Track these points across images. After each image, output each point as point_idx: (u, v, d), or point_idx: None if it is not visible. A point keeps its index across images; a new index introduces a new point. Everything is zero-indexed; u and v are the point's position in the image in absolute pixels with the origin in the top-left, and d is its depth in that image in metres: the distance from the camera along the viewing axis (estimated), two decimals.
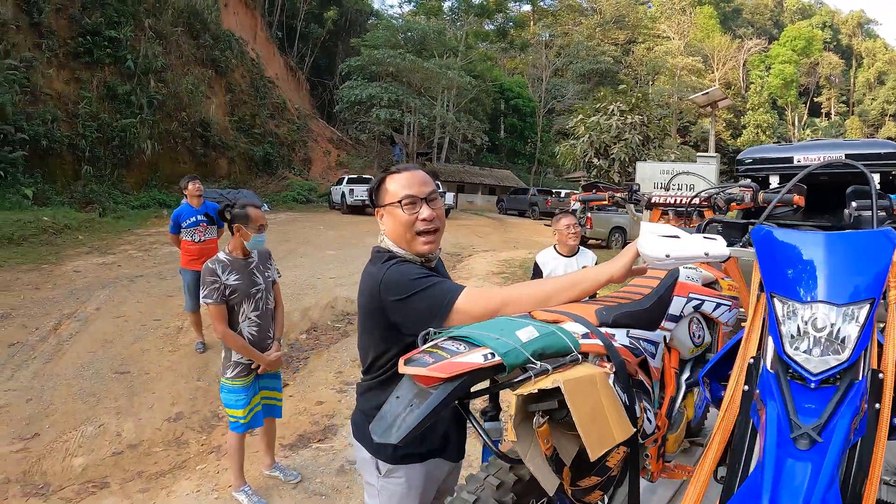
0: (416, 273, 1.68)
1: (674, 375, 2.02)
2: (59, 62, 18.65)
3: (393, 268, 1.71)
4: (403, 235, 1.78)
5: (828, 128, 61.46)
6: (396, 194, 1.77)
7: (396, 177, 1.81)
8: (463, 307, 1.58)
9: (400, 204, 1.76)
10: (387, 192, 1.80)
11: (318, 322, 7.72)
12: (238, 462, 3.74)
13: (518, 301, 1.57)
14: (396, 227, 1.78)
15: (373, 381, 1.84)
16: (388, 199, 1.79)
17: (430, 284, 1.64)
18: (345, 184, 24.26)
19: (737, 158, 6.41)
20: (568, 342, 1.29)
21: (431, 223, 1.77)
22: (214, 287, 3.42)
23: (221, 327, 3.49)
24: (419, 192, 1.77)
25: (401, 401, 1.19)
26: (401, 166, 1.87)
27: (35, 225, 12.45)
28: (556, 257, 4.29)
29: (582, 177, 17.44)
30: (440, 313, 1.58)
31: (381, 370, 1.80)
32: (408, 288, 1.64)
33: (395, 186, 1.79)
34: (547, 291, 1.58)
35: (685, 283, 2.11)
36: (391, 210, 1.79)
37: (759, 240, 1.47)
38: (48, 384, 5.44)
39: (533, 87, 49.63)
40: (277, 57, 37.76)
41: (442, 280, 1.69)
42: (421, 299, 1.62)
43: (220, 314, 3.46)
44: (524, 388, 1.18)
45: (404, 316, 1.65)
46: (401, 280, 1.66)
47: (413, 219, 1.76)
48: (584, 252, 4.27)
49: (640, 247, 1.52)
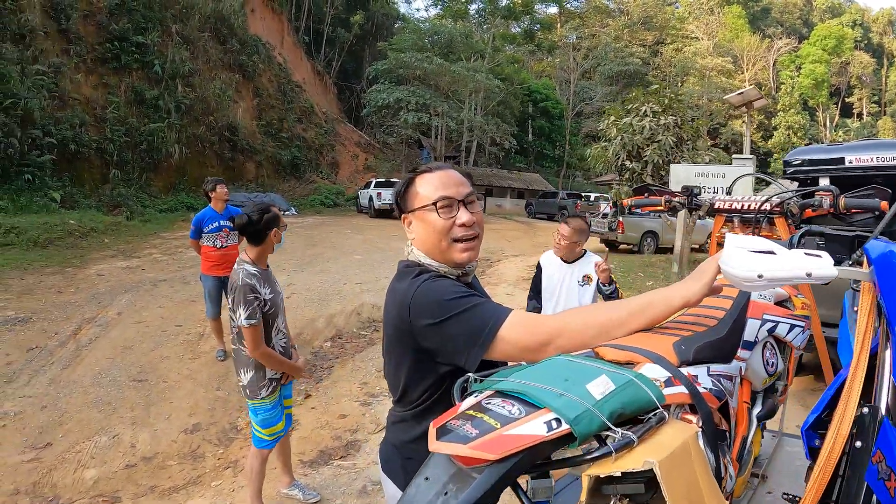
0: (452, 292, 1.41)
1: (746, 411, 1.73)
2: (86, 67, 18.86)
3: (424, 285, 1.44)
4: (438, 244, 1.51)
5: (860, 128, 60.02)
6: (429, 196, 1.51)
7: (428, 177, 1.55)
8: (509, 335, 1.31)
9: (435, 207, 1.50)
10: (417, 194, 1.54)
11: (344, 329, 7.52)
12: (258, 485, 3.51)
13: (574, 332, 1.29)
14: (430, 234, 1.52)
15: (406, 413, 1.57)
16: (418, 202, 1.54)
17: (469, 306, 1.37)
18: (372, 187, 24.31)
19: (784, 160, 6.12)
20: (651, 395, 1.01)
21: (471, 229, 1.52)
22: (256, 305, 3.16)
23: (263, 348, 3.23)
24: (456, 194, 1.51)
25: (431, 485, 0.90)
26: (432, 164, 1.60)
27: (61, 228, 12.47)
28: (555, 262, 4.00)
29: (613, 180, 17.05)
30: (481, 342, 1.32)
31: (414, 404, 1.54)
32: (443, 310, 1.37)
33: (428, 188, 1.53)
34: (608, 320, 1.29)
35: (758, 303, 1.83)
36: (423, 215, 1.52)
37: (881, 259, 1.18)
38: (64, 391, 5.30)
39: (561, 90, 49.27)
40: (304, 61, 37.91)
41: (484, 301, 1.42)
42: (458, 324, 1.35)
43: (259, 334, 3.21)
44: (603, 467, 0.89)
45: (439, 343, 1.39)
46: (434, 300, 1.39)
47: (450, 224, 1.50)
48: (586, 259, 3.94)
49: (725, 264, 1.23)
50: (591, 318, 1.31)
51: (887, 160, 5.12)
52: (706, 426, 1.13)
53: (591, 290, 3.80)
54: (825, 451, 1.20)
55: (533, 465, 0.92)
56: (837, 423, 1.20)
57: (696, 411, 1.16)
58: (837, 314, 3.65)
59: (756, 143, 52.14)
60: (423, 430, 1.52)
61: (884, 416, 1.13)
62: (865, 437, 1.16)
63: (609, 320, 1.29)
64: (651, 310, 1.30)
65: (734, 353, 1.45)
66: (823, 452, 1.21)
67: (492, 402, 0.97)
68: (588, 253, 3.97)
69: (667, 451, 0.88)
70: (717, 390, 1.30)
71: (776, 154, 52.85)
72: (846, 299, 2.51)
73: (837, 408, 1.23)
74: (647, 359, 1.17)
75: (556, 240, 3.91)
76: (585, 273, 3.84)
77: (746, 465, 1.81)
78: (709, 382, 1.28)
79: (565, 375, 1.02)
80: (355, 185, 30.53)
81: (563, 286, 3.88)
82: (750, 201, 2.12)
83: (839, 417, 1.20)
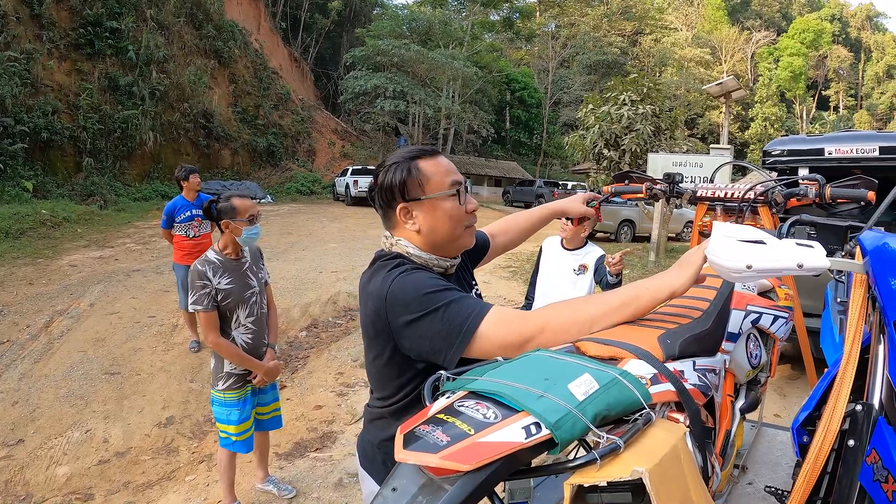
0: (430, 285, 1.31)
1: (730, 405, 1.69)
2: (59, 53, 18.47)
3: (399, 279, 1.33)
4: (452, 232, 1.43)
5: (836, 121, 60.81)
6: (443, 182, 1.41)
7: (433, 162, 1.44)
8: (489, 332, 1.24)
9: (456, 193, 1.42)
10: (429, 181, 1.41)
11: (319, 319, 7.43)
12: (228, 479, 3.44)
13: (557, 329, 1.22)
14: (444, 222, 1.42)
15: (384, 410, 1.49)
16: (431, 188, 1.41)
17: (448, 301, 1.27)
18: (349, 175, 24.10)
19: (763, 150, 6.12)
20: (637, 395, 0.94)
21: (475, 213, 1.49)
22: (205, 292, 3.08)
23: (213, 336, 3.15)
24: (461, 179, 1.46)
25: (399, 496, 0.82)
26: (425, 149, 1.49)
27: (33, 218, 12.24)
28: (556, 248, 3.96)
29: (590, 168, 17.02)
30: (460, 340, 1.24)
31: (392, 401, 1.46)
32: (421, 305, 1.28)
33: (439, 173, 1.42)
34: (593, 314, 1.23)
35: (742, 293, 1.79)
36: (437, 203, 1.41)
37: (877, 251, 1.13)
38: (35, 386, 5.19)
39: (539, 79, 49.21)
40: (281, 47, 37.45)
41: (463, 296, 1.32)
42: (436, 320, 1.26)
43: (211, 322, 3.12)
44: (586, 476, 0.82)
45: (416, 340, 1.30)
46: (411, 295, 1.30)
47: (464, 210, 1.44)
48: (589, 249, 3.91)
49: (712, 254, 1.18)
50: (575, 314, 1.25)
51: (866, 152, 5.14)
52: (694, 425, 1.08)
53: (587, 279, 3.77)
54: (814, 448, 1.17)
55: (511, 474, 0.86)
56: (827, 420, 1.16)
57: (683, 409, 1.11)
58: (819, 304, 3.65)
59: (733, 134, 52.54)
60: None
61: (878, 414, 1.08)
62: (858, 435, 1.11)
63: (593, 315, 1.23)
64: (637, 303, 1.25)
65: (719, 346, 1.42)
66: (813, 449, 1.17)
67: (465, 405, 0.90)
68: (590, 243, 3.94)
69: (656, 457, 0.82)
70: (703, 385, 1.25)
71: (753, 145, 53.42)
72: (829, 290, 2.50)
73: (827, 404, 1.19)
74: (632, 354, 1.12)
75: (563, 222, 3.88)
76: (583, 263, 3.82)
77: (729, 460, 1.77)
78: (695, 378, 1.23)
79: (545, 374, 0.95)
80: (332, 173, 30.24)
81: (559, 272, 3.86)
82: (733, 190, 2.07)
83: (829, 414, 1.16)
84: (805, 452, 1.24)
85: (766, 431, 2.83)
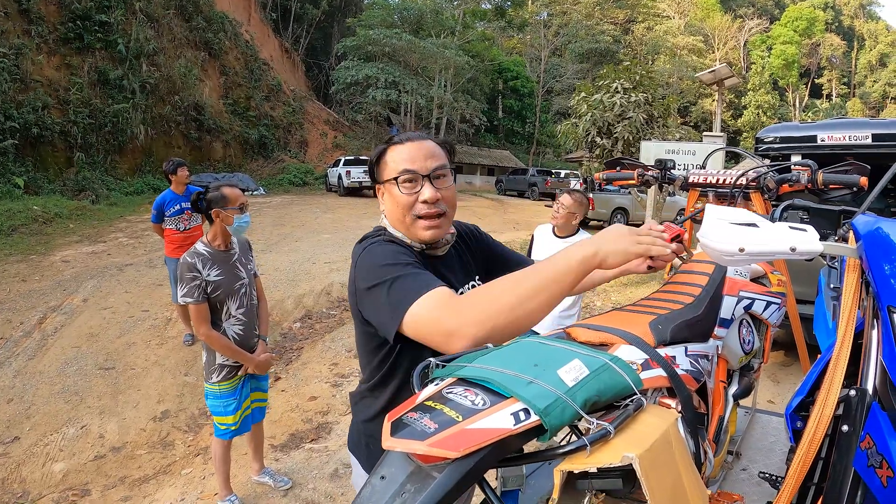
0: (391, 257, 1.32)
1: (723, 391, 1.69)
2: (48, 48, 18.29)
3: (370, 247, 1.40)
4: (402, 219, 1.45)
5: (829, 109, 60.71)
6: (395, 169, 1.44)
7: (398, 148, 1.47)
8: (419, 313, 1.18)
9: (396, 181, 1.43)
10: (386, 165, 1.48)
11: (313, 310, 7.42)
12: (224, 471, 3.44)
13: (474, 319, 1.12)
14: (394, 208, 1.46)
15: (364, 389, 1.53)
16: (386, 174, 1.47)
17: (400, 275, 1.26)
18: (341, 165, 23.98)
19: (756, 136, 6.11)
20: (628, 380, 0.94)
21: (435, 206, 1.42)
22: (195, 284, 3.07)
23: (204, 328, 3.14)
24: (421, 168, 1.42)
25: (388, 485, 0.80)
26: (406, 135, 1.51)
27: (25, 214, 12.17)
28: (547, 235, 4.05)
29: (583, 157, 16.99)
30: (395, 315, 1.21)
31: (368, 378, 1.49)
32: (375, 275, 1.29)
33: (395, 159, 1.46)
34: (518, 297, 1.12)
35: (735, 279, 1.79)
36: (389, 188, 1.47)
37: (870, 235, 1.11)
38: (30, 383, 5.17)
39: (531, 67, 49.07)
40: (272, 38, 37.21)
41: (420, 272, 1.29)
42: (383, 292, 1.26)
43: (201, 314, 3.12)
44: (576, 463, 0.81)
45: (369, 311, 1.32)
46: (372, 264, 1.33)
47: (412, 199, 1.42)
48: (578, 237, 3.91)
49: (704, 237, 1.16)
50: (500, 299, 1.14)
51: (859, 139, 5.15)
52: (686, 411, 1.08)
53: None
54: (808, 433, 1.16)
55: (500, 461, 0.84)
56: (821, 405, 1.16)
57: (675, 395, 1.10)
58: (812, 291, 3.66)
59: (726, 122, 52.58)
60: (380, 406, 1.47)
61: (872, 399, 1.08)
62: (852, 421, 1.11)
63: (520, 297, 1.12)
64: (558, 284, 1.13)
65: (711, 332, 1.41)
66: (806, 435, 1.16)
67: (453, 392, 0.88)
68: (581, 231, 3.98)
69: (647, 443, 0.82)
70: (695, 371, 1.25)
71: (746, 133, 53.34)
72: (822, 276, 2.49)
73: (821, 389, 1.18)
74: (623, 339, 1.11)
75: (555, 209, 3.92)
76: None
77: (723, 446, 1.78)
78: (687, 363, 1.22)
79: (534, 360, 0.94)
80: (324, 164, 30.10)
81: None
82: (725, 175, 2.07)
83: (822, 399, 1.16)
84: (799, 438, 1.24)
85: (759, 417, 2.84)
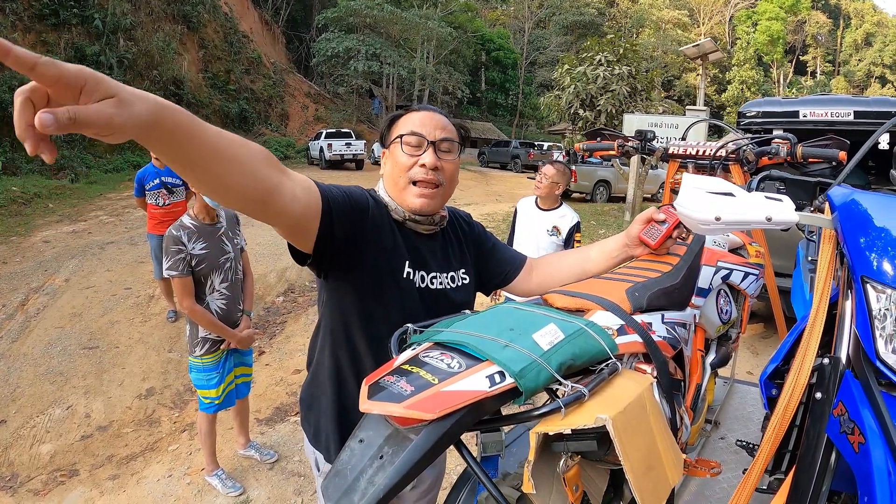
0: (345, 187, 1.41)
1: (700, 359, 1.72)
2: (24, 25, 17.80)
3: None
4: (397, 181, 1.43)
5: (813, 87, 60.90)
6: (402, 130, 1.44)
7: (411, 115, 1.47)
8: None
9: (401, 139, 1.42)
10: (396, 128, 1.48)
11: (296, 283, 7.42)
12: (210, 446, 3.46)
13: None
14: (392, 168, 1.45)
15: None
16: (393, 134, 1.48)
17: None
18: (323, 138, 23.75)
19: (739, 111, 6.14)
20: (603, 345, 0.95)
21: (432, 173, 1.41)
22: (180, 257, 3.06)
23: (188, 302, 3.15)
24: (429, 134, 1.42)
25: (366, 448, 0.81)
26: (422, 105, 1.53)
27: (3, 196, 11.91)
28: (531, 208, 4.05)
29: (566, 129, 17.02)
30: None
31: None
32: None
33: (406, 123, 1.46)
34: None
35: (713, 250, 1.81)
36: (393, 148, 1.46)
37: (846, 206, 1.13)
38: (15, 365, 5.12)
39: (515, 39, 48.71)
40: (251, 10, 36.48)
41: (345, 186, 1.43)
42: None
43: (186, 287, 3.12)
44: (551, 425, 0.83)
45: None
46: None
47: (412, 162, 1.41)
48: (564, 212, 3.94)
49: (681, 206, 1.18)
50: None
51: (841, 115, 5.20)
52: (661, 376, 1.09)
53: (559, 242, 3.84)
54: (783, 400, 1.19)
55: (477, 423, 0.86)
56: (795, 373, 1.19)
57: (651, 361, 1.13)
58: (790, 264, 3.71)
59: (710, 97, 52.55)
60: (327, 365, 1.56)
61: (845, 367, 1.11)
62: (826, 388, 1.14)
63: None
64: None
65: (689, 301, 1.43)
66: (781, 402, 1.19)
67: (430, 356, 0.90)
68: (564, 205, 3.99)
69: (620, 405, 0.83)
70: (671, 338, 1.27)
71: (730, 108, 53.41)
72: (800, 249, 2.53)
73: (795, 357, 1.21)
74: (599, 306, 1.13)
75: (538, 179, 3.94)
76: (556, 224, 3.87)
77: (700, 414, 1.81)
78: (663, 330, 1.24)
79: (510, 324, 0.96)
80: (305, 137, 29.78)
81: (533, 232, 3.93)
82: (705, 147, 2.08)
83: (797, 367, 1.18)
84: (774, 405, 1.27)
85: (738, 388, 2.90)
